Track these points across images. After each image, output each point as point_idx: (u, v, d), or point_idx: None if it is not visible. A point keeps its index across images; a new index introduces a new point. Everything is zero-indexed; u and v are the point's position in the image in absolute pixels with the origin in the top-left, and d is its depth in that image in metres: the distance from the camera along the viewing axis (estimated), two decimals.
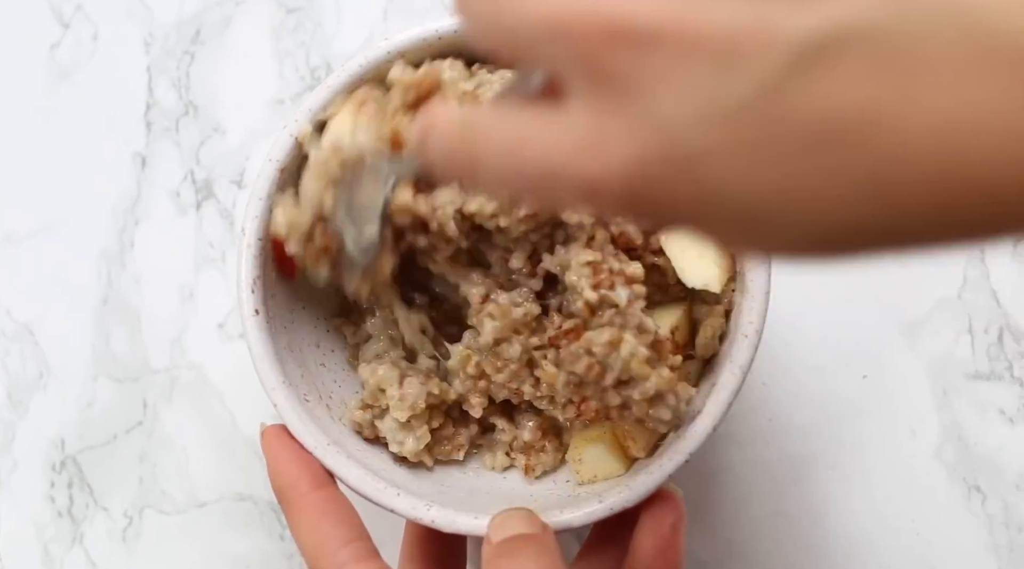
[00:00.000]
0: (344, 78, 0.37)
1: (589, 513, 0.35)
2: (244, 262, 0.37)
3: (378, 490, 0.36)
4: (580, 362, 0.33)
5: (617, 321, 0.33)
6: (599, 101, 0.20)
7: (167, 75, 0.51)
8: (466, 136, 0.22)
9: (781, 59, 0.18)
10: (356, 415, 0.39)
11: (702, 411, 0.36)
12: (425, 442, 0.38)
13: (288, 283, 0.39)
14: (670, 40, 0.19)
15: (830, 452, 0.47)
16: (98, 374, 0.50)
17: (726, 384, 0.35)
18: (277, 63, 0.51)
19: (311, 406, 0.38)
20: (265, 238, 0.37)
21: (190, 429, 0.49)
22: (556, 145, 0.21)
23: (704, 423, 0.35)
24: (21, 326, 0.50)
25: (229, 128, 0.51)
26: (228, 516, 0.49)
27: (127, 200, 0.51)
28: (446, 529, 0.35)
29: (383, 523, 0.48)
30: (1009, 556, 0.46)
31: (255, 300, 0.37)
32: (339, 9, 0.51)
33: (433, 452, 0.39)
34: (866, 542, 0.46)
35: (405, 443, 0.38)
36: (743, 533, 0.47)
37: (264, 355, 0.37)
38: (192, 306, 0.50)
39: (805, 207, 0.18)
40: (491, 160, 0.22)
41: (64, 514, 0.49)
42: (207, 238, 0.50)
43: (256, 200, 0.37)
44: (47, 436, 0.50)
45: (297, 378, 0.38)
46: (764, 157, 0.18)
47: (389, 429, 0.38)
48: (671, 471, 0.35)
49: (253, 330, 0.37)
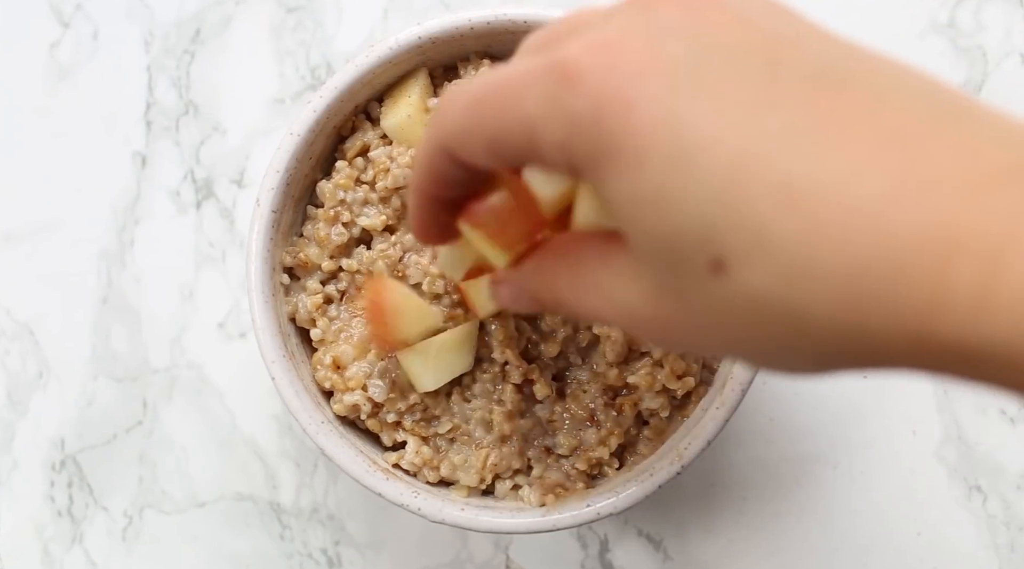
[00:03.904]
0: (374, 59, 0.38)
1: (575, 515, 0.36)
2: (256, 233, 0.38)
3: (367, 473, 0.37)
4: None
5: None
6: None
7: (167, 74, 0.51)
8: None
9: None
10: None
11: (700, 423, 0.36)
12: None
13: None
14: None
15: (831, 452, 0.47)
16: (98, 373, 0.50)
17: (726, 402, 0.36)
18: (277, 62, 0.51)
19: (308, 383, 0.38)
20: (279, 211, 0.38)
21: (190, 429, 0.49)
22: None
23: (699, 439, 0.36)
24: (21, 326, 0.50)
25: (229, 127, 0.51)
26: (228, 516, 0.49)
27: (127, 199, 0.51)
28: (432, 518, 0.36)
29: (384, 523, 0.48)
30: (1009, 556, 0.46)
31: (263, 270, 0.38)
32: (339, 8, 0.51)
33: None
34: (867, 542, 0.46)
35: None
36: (743, 533, 0.47)
37: (266, 327, 0.37)
38: (192, 306, 0.50)
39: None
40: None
41: (64, 514, 0.49)
42: (207, 237, 0.50)
43: (273, 172, 0.38)
44: (47, 436, 0.50)
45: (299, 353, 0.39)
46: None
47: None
48: (662, 481, 0.36)
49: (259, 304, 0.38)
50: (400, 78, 0.40)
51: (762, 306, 0.19)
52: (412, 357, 0.37)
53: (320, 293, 0.39)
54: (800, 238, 0.18)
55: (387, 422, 0.39)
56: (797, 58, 0.20)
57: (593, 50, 0.21)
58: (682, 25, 0.20)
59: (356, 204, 0.40)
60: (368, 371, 0.39)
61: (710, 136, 0.19)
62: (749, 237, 0.19)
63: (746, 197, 0.18)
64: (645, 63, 0.20)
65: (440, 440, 0.39)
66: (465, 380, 0.38)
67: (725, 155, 0.19)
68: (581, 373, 0.39)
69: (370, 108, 0.40)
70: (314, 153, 0.39)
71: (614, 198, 0.21)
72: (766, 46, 0.20)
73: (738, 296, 0.19)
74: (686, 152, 0.19)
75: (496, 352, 0.38)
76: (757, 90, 0.19)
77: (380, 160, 0.39)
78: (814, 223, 0.18)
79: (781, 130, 0.19)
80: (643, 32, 0.21)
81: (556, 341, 0.38)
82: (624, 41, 0.20)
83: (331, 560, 0.48)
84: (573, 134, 0.21)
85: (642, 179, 0.20)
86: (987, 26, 0.48)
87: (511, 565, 0.48)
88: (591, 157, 0.21)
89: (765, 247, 0.18)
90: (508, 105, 0.22)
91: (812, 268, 0.18)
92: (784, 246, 0.18)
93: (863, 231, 0.18)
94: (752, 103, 0.19)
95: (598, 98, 0.20)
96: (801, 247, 0.18)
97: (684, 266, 0.20)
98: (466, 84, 0.24)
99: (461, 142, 0.23)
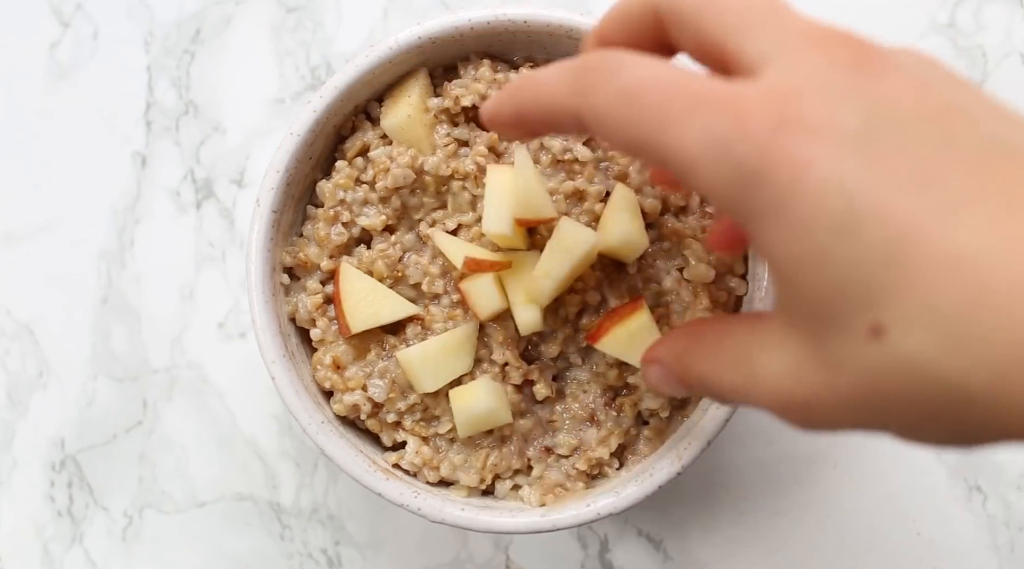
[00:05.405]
0: (374, 59, 0.38)
1: (575, 515, 0.36)
2: (256, 233, 0.38)
3: (367, 473, 0.37)
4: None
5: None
6: None
7: (167, 74, 0.51)
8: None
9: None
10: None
11: (700, 423, 0.36)
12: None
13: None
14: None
15: (831, 452, 0.47)
16: (98, 373, 0.50)
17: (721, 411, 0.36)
18: (277, 62, 0.51)
19: (308, 383, 0.38)
20: (279, 211, 0.38)
21: (190, 429, 0.49)
22: None
23: (699, 439, 0.36)
24: (21, 326, 0.50)
25: (229, 127, 0.51)
26: (228, 516, 0.49)
27: (127, 199, 0.51)
28: (432, 518, 0.36)
29: (384, 523, 0.48)
30: (1009, 556, 0.46)
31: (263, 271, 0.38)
32: (339, 8, 0.51)
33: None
34: (867, 542, 0.46)
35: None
36: (743, 533, 0.47)
37: (266, 327, 0.37)
38: (192, 306, 0.50)
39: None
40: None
41: (64, 514, 0.49)
42: (207, 237, 0.50)
43: (273, 172, 0.38)
44: (47, 435, 0.50)
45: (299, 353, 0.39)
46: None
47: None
48: (662, 481, 0.36)
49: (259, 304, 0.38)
50: (400, 78, 0.40)
51: (918, 373, 0.19)
52: (412, 358, 0.37)
53: (320, 293, 0.39)
54: (963, 307, 0.18)
55: (387, 422, 0.39)
56: (969, 129, 0.20)
57: (770, 99, 0.20)
58: (861, 86, 0.20)
59: (356, 204, 0.40)
60: (368, 371, 0.39)
61: (880, 203, 0.19)
62: (912, 303, 0.19)
63: (912, 264, 0.19)
64: (821, 123, 0.20)
65: (440, 440, 0.39)
66: (465, 380, 0.38)
67: (894, 223, 0.19)
68: (581, 373, 0.39)
69: (370, 108, 0.40)
70: (314, 153, 0.39)
71: (776, 253, 0.21)
72: (940, 116, 0.20)
73: (895, 361, 0.19)
74: (856, 217, 0.19)
75: (496, 353, 0.38)
76: (928, 160, 0.19)
77: (380, 160, 0.39)
78: (978, 293, 0.18)
79: (950, 201, 0.19)
80: (822, 88, 0.20)
81: (556, 341, 0.38)
82: (803, 94, 0.20)
83: (331, 560, 0.48)
84: (739, 183, 0.20)
85: (809, 240, 0.20)
86: (987, 26, 0.48)
87: (511, 565, 0.48)
88: (754, 209, 0.21)
89: (927, 313, 0.19)
90: (667, 128, 0.21)
91: (973, 337, 0.18)
92: (946, 314, 0.18)
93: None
94: (923, 172, 0.19)
95: (771, 152, 0.20)
96: (963, 316, 0.18)
97: (841, 329, 0.20)
98: (627, 70, 0.23)
99: (602, 129, 0.23)
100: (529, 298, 0.36)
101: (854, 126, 0.20)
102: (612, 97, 0.22)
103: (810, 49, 0.21)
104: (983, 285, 0.18)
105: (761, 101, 0.20)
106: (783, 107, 0.20)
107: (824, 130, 0.20)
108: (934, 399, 0.19)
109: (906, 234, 0.19)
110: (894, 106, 0.20)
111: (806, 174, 0.20)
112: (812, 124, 0.20)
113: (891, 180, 0.19)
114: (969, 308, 0.18)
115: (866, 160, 0.19)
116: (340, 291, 0.38)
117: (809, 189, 0.19)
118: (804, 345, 0.21)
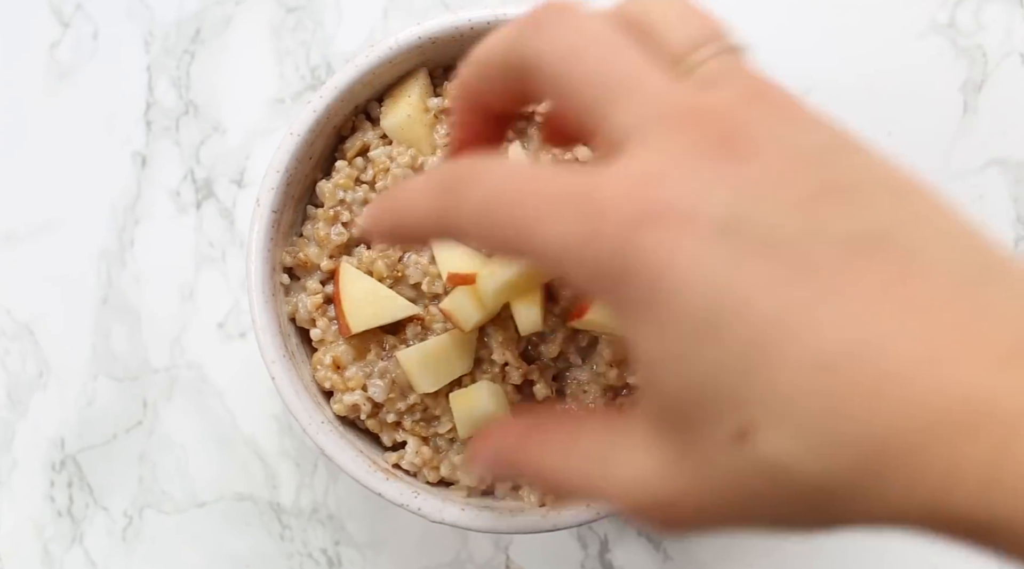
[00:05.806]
0: (374, 59, 0.38)
1: (575, 515, 0.36)
2: (256, 233, 0.38)
3: (368, 473, 0.37)
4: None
5: None
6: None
7: (167, 74, 0.51)
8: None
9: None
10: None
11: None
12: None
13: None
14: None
15: None
16: (98, 373, 0.50)
17: None
18: (277, 62, 0.51)
19: (308, 383, 0.38)
20: (279, 211, 0.38)
21: (190, 429, 0.49)
22: None
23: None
24: (21, 326, 0.50)
25: (229, 127, 0.51)
26: (228, 516, 0.49)
27: (127, 199, 0.51)
28: (432, 518, 0.36)
29: (384, 523, 0.48)
30: None
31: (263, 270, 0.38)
32: (339, 8, 0.51)
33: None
34: (866, 541, 0.46)
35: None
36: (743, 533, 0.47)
37: (266, 327, 0.37)
38: (192, 306, 0.50)
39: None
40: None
41: (64, 514, 0.49)
42: (207, 237, 0.50)
43: (273, 172, 0.38)
44: (47, 435, 0.50)
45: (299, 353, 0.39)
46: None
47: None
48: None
49: (259, 304, 0.38)
50: (400, 78, 0.40)
51: (784, 475, 0.19)
52: (412, 358, 0.37)
53: (320, 293, 0.39)
54: (823, 407, 0.18)
55: (387, 422, 0.39)
56: (839, 215, 0.19)
57: (631, 188, 0.20)
58: (726, 173, 0.19)
59: (356, 204, 0.40)
60: (368, 371, 0.39)
61: (743, 300, 0.18)
62: (775, 405, 0.18)
63: (775, 364, 0.18)
64: (684, 215, 0.19)
65: (440, 440, 0.39)
66: (465, 381, 0.38)
67: (757, 321, 0.18)
68: (581, 373, 0.39)
69: (370, 108, 0.40)
70: (314, 153, 0.39)
71: (641, 350, 0.20)
72: (808, 202, 0.19)
73: (761, 465, 0.19)
74: (720, 316, 0.19)
75: (496, 353, 0.38)
76: (794, 251, 0.19)
77: (380, 160, 0.39)
78: (837, 391, 0.18)
79: (814, 295, 0.18)
80: (685, 174, 0.20)
81: (556, 341, 0.38)
82: (664, 182, 0.19)
83: (331, 560, 0.48)
84: (604, 282, 0.20)
85: (673, 341, 0.19)
86: (987, 26, 0.48)
87: (511, 565, 0.48)
88: (621, 307, 0.20)
89: (789, 415, 0.18)
90: (526, 235, 0.21)
91: (832, 435, 0.18)
92: (808, 413, 0.18)
93: (888, 402, 0.17)
94: (788, 265, 0.19)
95: (633, 248, 0.19)
96: (823, 415, 0.18)
97: (707, 432, 0.19)
98: (486, 178, 0.22)
99: (470, 242, 0.23)
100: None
101: (719, 217, 0.19)
102: (473, 211, 0.22)
103: (675, 128, 0.20)
104: (845, 381, 0.18)
105: (621, 191, 0.20)
106: (644, 198, 0.19)
107: (687, 223, 0.19)
108: (799, 498, 0.19)
109: (769, 333, 0.18)
110: (760, 192, 0.19)
111: (670, 272, 0.19)
112: (674, 216, 0.19)
113: (756, 275, 0.19)
114: (829, 407, 0.18)
115: (731, 254, 0.19)
116: (340, 291, 0.38)
117: (673, 288, 0.19)
118: (669, 448, 0.21)
